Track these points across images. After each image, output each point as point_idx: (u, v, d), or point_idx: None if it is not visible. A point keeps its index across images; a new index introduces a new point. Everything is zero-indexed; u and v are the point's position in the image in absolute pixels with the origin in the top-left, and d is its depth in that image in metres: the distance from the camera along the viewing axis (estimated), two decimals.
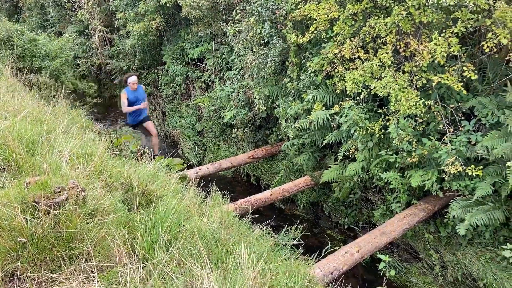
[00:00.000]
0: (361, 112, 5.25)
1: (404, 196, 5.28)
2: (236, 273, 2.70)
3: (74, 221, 2.49)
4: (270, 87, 6.73)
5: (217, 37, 8.57)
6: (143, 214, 2.99)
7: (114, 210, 2.95)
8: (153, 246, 2.71)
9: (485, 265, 4.93)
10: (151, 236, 2.77)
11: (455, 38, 4.24)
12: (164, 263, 2.55)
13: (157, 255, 2.61)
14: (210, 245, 3.06)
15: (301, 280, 3.22)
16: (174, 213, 3.03)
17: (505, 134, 4.45)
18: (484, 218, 4.49)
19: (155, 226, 2.83)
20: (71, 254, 2.43)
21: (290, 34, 5.87)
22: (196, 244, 2.85)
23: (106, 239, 2.62)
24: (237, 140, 8.17)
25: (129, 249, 2.70)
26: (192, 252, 2.73)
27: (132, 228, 2.88)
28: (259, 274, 2.75)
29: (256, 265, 2.77)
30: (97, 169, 3.58)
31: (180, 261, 2.64)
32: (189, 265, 2.56)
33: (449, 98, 4.95)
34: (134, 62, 11.04)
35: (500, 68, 4.84)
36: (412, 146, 4.88)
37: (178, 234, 2.90)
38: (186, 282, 2.43)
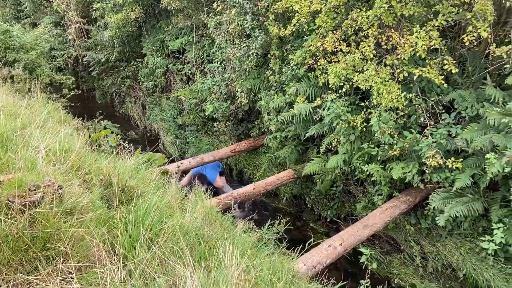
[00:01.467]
0: (344, 105, 5.25)
1: (385, 189, 5.32)
2: (220, 270, 2.66)
3: (50, 220, 2.39)
4: (252, 80, 6.67)
5: (198, 29, 8.43)
6: (123, 212, 2.91)
7: (92, 208, 2.86)
8: (134, 245, 2.63)
9: (464, 255, 5.04)
10: (132, 235, 2.69)
11: (436, 31, 4.26)
12: (146, 262, 2.48)
13: (138, 254, 2.53)
14: (193, 242, 3.00)
15: (285, 276, 3.20)
16: (156, 210, 2.96)
17: (484, 127, 4.52)
18: (463, 209, 4.57)
19: (136, 224, 2.75)
20: (48, 255, 2.34)
21: (272, 27, 5.81)
22: (179, 241, 2.79)
23: (85, 238, 2.53)
24: (219, 134, 8.09)
25: (109, 248, 2.61)
26: (175, 250, 2.67)
27: (112, 226, 2.79)
28: (243, 271, 2.71)
29: (240, 262, 2.73)
30: (74, 165, 3.46)
31: (162, 259, 2.57)
32: (172, 263, 2.50)
33: (430, 91, 4.99)
34: (113, 54, 10.79)
35: (480, 61, 4.90)
36: (394, 139, 4.91)
37: (159, 232, 2.83)
38: (168, 281, 2.37)
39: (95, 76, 11.90)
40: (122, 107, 11.60)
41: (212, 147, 8.26)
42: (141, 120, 10.67)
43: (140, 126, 10.67)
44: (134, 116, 10.94)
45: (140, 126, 10.67)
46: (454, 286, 5.18)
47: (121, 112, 11.62)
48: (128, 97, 11.32)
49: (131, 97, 11.20)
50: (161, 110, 9.75)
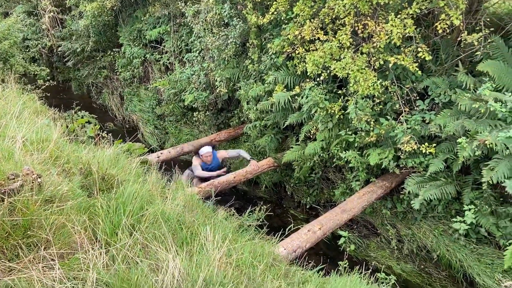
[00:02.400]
0: (322, 93, 5.33)
1: (363, 174, 5.46)
2: (202, 254, 2.71)
3: (31, 208, 2.39)
4: (231, 69, 6.68)
5: (176, 18, 8.35)
6: (104, 199, 2.91)
7: (72, 196, 2.85)
8: (115, 231, 2.65)
9: (438, 237, 5.23)
10: (113, 221, 2.71)
11: (410, 20, 4.36)
12: (128, 247, 2.51)
13: (120, 240, 2.56)
14: (175, 228, 3.04)
15: (266, 259, 3.28)
16: (137, 197, 2.97)
17: (457, 113, 4.68)
18: (437, 192, 4.74)
19: (117, 211, 2.77)
20: (29, 242, 2.34)
21: (250, 15, 5.82)
22: (160, 227, 2.83)
23: (66, 225, 2.54)
24: (198, 124, 8.09)
25: (91, 235, 2.63)
26: (157, 235, 2.70)
27: (92, 214, 2.80)
28: (224, 254, 2.77)
29: (222, 246, 2.79)
30: (53, 155, 3.44)
31: (144, 245, 2.61)
32: (154, 248, 2.54)
33: (405, 79, 5.12)
34: (88, 43, 10.58)
35: (452, 49, 5.05)
36: (370, 126, 5.03)
37: (141, 218, 2.86)
38: (151, 265, 2.41)
39: (70, 66, 11.64)
40: (99, 98, 11.41)
41: (192, 137, 8.25)
42: (119, 111, 10.53)
43: (119, 117, 10.53)
44: (112, 107, 10.78)
45: (118, 117, 10.53)
46: (428, 267, 5.37)
47: (98, 103, 11.43)
48: (106, 88, 11.13)
49: (108, 88, 11.02)
50: (140, 100, 9.64)
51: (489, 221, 4.63)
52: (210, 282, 2.41)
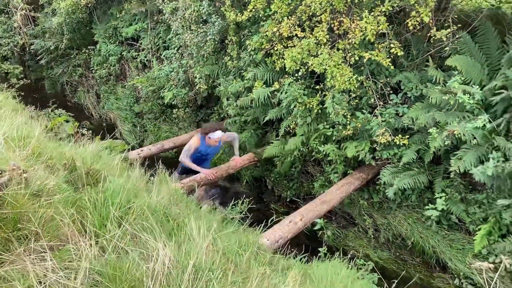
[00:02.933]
0: (300, 88, 5.48)
1: (340, 167, 5.64)
2: (190, 243, 2.80)
3: (19, 201, 2.43)
4: (211, 66, 6.75)
5: (153, 15, 8.34)
6: (91, 193, 2.96)
7: (59, 190, 2.89)
8: (104, 223, 2.71)
9: (412, 225, 5.47)
10: (101, 214, 2.76)
11: (383, 17, 4.56)
12: (118, 238, 2.58)
13: (110, 231, 2.62)
14: (162, 220, 3.11)
15: (251, 248, 3.39)
16: (123, 191, 3.03)
17: (428, 106, 4.91)
18: (410, 182, 4.96)
19: (105, 203, 2.82)
20: (19, 235, 2.37)
21: (228, 12, 5.90)
22: (148, 219, 2.90)
23: (55, 218, 2.58)
24: (178, 121, 8.12)
25: (80, 227, 2.67)
26: (145, 226, 2.77)
27: (80, 207, 2.84)
28: (211, 243, 2.87)
29: (208, 235, 2.88)
30: (35, 151, 3.45)
31: (133, 235, 2.67)
32: (143, 238, 2.61)
33: (379, 74, 5.33)
34: (62, 41, 10.40)
35: (423, 45, 5.28)
36: (347, 120, 5.22)
37: (128, 211, 2.92)
38: (142, 254, 2.48)
39: (43, 65, 11.40)
40: (74, 97, 11.24)
41: (171, 134, 8.27)
42: (96, 110, 10.41)
43: (95, 115, 10.42)
44: (88, 105, 10.65)
45: (94, 116, 10.41)
46: (403, 254, 5.61)
47: (73, 102, 11.26)
48: (81, 86, 10.98)
49: (83, 86, 10.87)
50: (117, 98, 9.58)
51: (459, 208, 4.89)
52: (200, 268, 2.50)
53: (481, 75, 4.75)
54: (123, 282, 2.24)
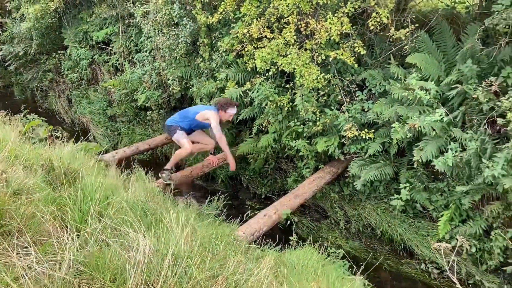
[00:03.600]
0: (271, 87, 5.69)
1: (312, 162, 5.88)
2: (168, 234, 2.94)
3: (1, 199, 2.51)
4: (183, 67, 6.87)
5: (124, 19, 8.38)
6: (70, 191, 3.06)
7: (38, 189, 2.98)
8: (85, 218, 2.82)
9: (380, 215, 5.76)
10: (81, 209, 2.87)
11: (346, 18, 4.82)
12: (99, 231, 2.69)
13: (90, 225, 2.73)
14: (140, 215, 3.24)
15: (226, 238, 3.56)
16: (101, 187, 3.14)
17: (391, 101, 5.21)
18: (376, 173, 5.24)
19: (84, 199, 2.93)
20: (3, 231, 2.46)
21: (199, 15, 6.06)
22: (127, 213, 3.02)
23: (36, 215, 2.67)
24: (152, 123, 8.18)
25: (61, 223, 2.78)
26: (124, 219, 2.90)
27: (60, 204, 2.94)
28: (189, 234, 3.02)
29: (186, 226, 3.03)
30: (12, 153, 3.51)
31: (113, 228, 2.79)
32: (123, 230, 2.74)
33: (345, 72, 5.60)
34: (31, 46, 10.26)
35: (385, 44, 5.59)
36: (316, 116, 5.46)
37: (107, 206, 3.03)
38: (123, 244, 2.61)
39: (12, 71, 11.21)
40: (45, 102, 11.09)
41: (145, 136, 8.31)
42: (68, 114, 10.32)
43: (67, 120, 10.32)
44: (60, 110, 10.54)
45: (67, 121, 10.32)
46: (373, 243, 5.90)
47: (44, 108, 11.11)
48: (52, 91, 10.85)
49: (54, 91, 10.75)
50: (89, 102, 9.54)
51: (422, 197, 5.20)
52: (179, 256, 2.65)
53: (439, 71, 5.08)
54: (106, 271, 2.37)
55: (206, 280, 2.59)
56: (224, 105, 5.51)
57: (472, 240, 4.91)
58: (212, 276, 2.68)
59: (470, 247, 4.91)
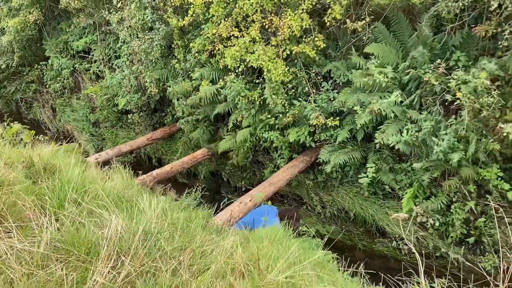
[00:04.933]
0: (242, 83, 5.99)
1: (286, 152, 6.19)
2: (141, 216, 3.21)
3: None
4: (160, 70, 7.16)
5: (101, 27, 8.64)
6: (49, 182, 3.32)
7: (19, 182, 3.24)
8: (62, 204, 3.08)
9: (353, 198, 6.09)
10: (59, 197, 3.13)
11: (305, 14, 5.14)
12: (76, 214, 2.96)
13: (67, 209, 3.00)
14: (116, 201, 3.50)
15: (200, 221, 3.83)
16: (78, 177, 3.41)
17: (354, 89, 5.54)
18: (345, 158, 5.57)
19: (62, 188, 3.19)
20: None
21: (171, 19, 6.35)
22: (103, 199, 3.29)
23: (17, 204, 2.93)
24: (134, 126, 8.44)
25: (41, 210, 3.03)
26: (100, 204, 3.17)
27: (40, 194, 3.20)
28: (160, 214, 3.29)
29: (157, 207, 3.31)
30: None
31: (90, 211, 3.06)
32: (98, 212, 3.00)
33: (311, 65, 5.93)
34: (13, 59, 10.45)
35: (347, 37, 5.93)
36: (286, 108, 5.77)
37: (84, 193, 3.30)
38: (97, 223, 2.88)
39: None
40: (30, 113, 11.29)
41: (129, 139, 8.55)
42: (53, 123, 10.53)
43: (52, 129, 10.53)
44: (44, 120, 10.75)
45: (52, 129, 10.53)
46: (348, 225, 6.22)
47: (29, 118, 11.30)
48: (36, 102, 11.05)
49: (38, 102, 10.95)
50: (73, 110, 9.77)
51: (389, 178, 5.53)
52: (149, 232, 2.92)
53: (396, 59, 5.42)
54: (81, 245, 2.63)
55: (174, 251, 2.87)
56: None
57: (435, 215, 5.25)
58: (181, 248, 2.96)
59: (434, 221, 5.25)
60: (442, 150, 4.36)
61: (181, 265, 2.73)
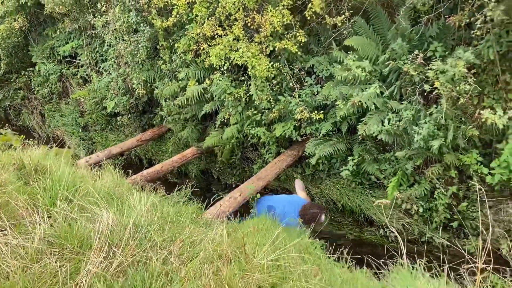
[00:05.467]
0: (228, 81, 6.11)
1: (273, 147, 6.33)
2: (131, 210, 3.32)
3: None
4: (147, 71, 7.25)
5: (87, 31, 8.70)
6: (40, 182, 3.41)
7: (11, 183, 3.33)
8: (54, 202, 3.18)
9: (340, 190, 6.24)
10: (51, 195, 3.23)
11: (286, 10, 5.28)
12: (68, 211, 3.06)
13: (59, 206, 3.10)
14: (107, 198, 3.61)
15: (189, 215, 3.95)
16: (70, 176, 3.51)
17: (336, 83, 5.69)
18: (330, 150, 5.71)
19: (53, 187, 3.29)
20: None
21: (155, 20, 6.45)
22: (94, 196, 3.39)
23: (10, 203, 3.03)
24: (123, 128, 8.51)
25: (33, 208, 3.13)
26: (91, 201, 3.27)
27: (32, 194, 3.29)
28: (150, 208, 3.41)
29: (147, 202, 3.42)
30: None
31: (81, 208, 3.16)
32: (90, 208, 3.11)
33: (294, 61, 6.07)
34: (0, 67, 10.46)
35: (328, 31, 6.08)
36: (271, 104, 5.90)
37: (75, 191, 3.40)
38: (88, 218, 2.99)
39: None
40: (19, 120, 11.30)
41: (119, 142, 8.61)
42: (42, 129, 10.56)
43: (42, 135, 10.56)
44: (34, 126, 10.77)
45: (42, 136, 10.55)
46: (336, 216, 6.37)
47: (18, 125, 11.30)
48: (24, 109, 11.06)
49: (27, 108, 10.97)
50: (62, 115, 9.81)
51: (373, 168, 5.69)
52: (139, 225, 3.04)
53: (377, 52, 5.57)
54: (74, 239, 2.74)
55: (164, 242, 2.99)
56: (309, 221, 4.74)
57: (419, 202, 5.42)
58: (171, 239, 3.08)
59: (418, 208, 5.42)
60: (423, 138, 4.52)
61: (171, 254, 2.85)
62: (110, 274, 2.48)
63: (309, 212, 4.74)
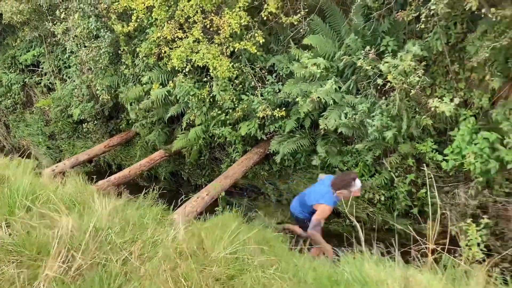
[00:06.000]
0: (191, 82, 6.17)
1: (240, 146, 6.43)
2: (92, 214, 3.36)
3: None
4: (110, 77, 7.23)
5: (48, 39, 8.59)
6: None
7: None
8: (13, 211, 3.19)
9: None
10: (9, 204, 3.23)
11: (243, 12, 5.39)
12: (27, 219, 3.07)
13: (18, 215, 3.11)
14: (69, 205, 3.63)
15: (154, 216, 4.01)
16: (29, 184, 3.51)
17: (297, 80, 5.84)
18: (293, 146, 5.86)
19: (11, 196, 3.29)
20: None
21: (116, 25, 6.45)
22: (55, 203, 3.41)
23: None
24: (90, 135, 8.45)
25: None
26: (51, 208, 3.29)
27: None
28: (112, 212, 3.45)
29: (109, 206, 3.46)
30: None
31: (41, 215, 3.18)
32: (49, 215, 3.13)
33: (255, 60, 6.19)
34: None
35: (287, 30, 6.22)
36: (234, 104, 6.01)
37: (35, 199, 3.41)
38: (47, 225, 3.01)
39: None
40: None
41: (87, 149, 8.54)
42: (7, 140, 10.34)
43: (7, 146, 10.35)
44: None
45: (7, 147, 10.34)
46: None
47: None
48: None
49: None
50: (27, 125, 9.64)
51: (337, 160, 5.87)
52: (100, 228, 3.08)
53: (334, 48, 5.75)
54: (32, 245, 2.77)
55: (125, 244, 3.05)
56: (343, 186, 4.51)
57: (381, 191, 5.64)
58: (132, 240, 3.14)
59: (380, 197, 5.63)
60: (376, 129, 4.72)
61: (132, 255, 2.91)
62: (69, 277, 2.53)
63: (344, 177, 4.58)
